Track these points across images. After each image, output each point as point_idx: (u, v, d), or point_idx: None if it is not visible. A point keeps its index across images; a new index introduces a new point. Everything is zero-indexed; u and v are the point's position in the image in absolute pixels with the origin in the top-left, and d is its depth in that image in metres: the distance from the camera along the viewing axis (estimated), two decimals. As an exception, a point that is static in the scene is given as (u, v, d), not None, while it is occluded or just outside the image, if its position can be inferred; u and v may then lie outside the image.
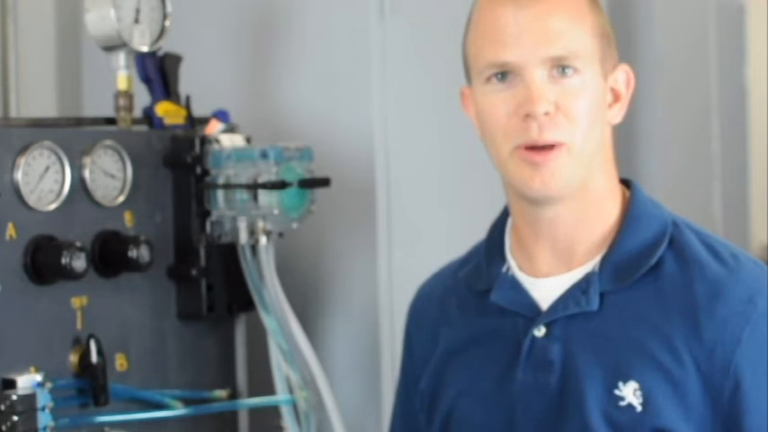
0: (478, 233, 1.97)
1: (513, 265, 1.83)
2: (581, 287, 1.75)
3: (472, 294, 1.87)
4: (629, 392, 1.69)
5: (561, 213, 1.76)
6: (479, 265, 1.88)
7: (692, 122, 3.53)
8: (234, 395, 2.29)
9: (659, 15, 3.27)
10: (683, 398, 1.68)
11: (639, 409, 1.68)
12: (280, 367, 2.25)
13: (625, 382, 1.70)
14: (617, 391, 1.70)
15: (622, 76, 1.79)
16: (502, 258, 1.84)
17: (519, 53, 1.69)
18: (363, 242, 2.43)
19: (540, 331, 1.76)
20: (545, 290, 1.78)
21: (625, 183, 1.84)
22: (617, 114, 1.79)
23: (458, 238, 2.47)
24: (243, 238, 2.21)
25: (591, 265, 1.77)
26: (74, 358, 2.04)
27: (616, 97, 1.78)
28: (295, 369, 2.24)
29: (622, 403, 1.69)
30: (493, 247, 1.87)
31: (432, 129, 2.55)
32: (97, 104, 2.61)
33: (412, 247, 2.46)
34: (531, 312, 1.78)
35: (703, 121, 3.58)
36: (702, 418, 1.68)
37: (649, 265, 1.74)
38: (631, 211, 1.79)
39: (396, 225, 2.44)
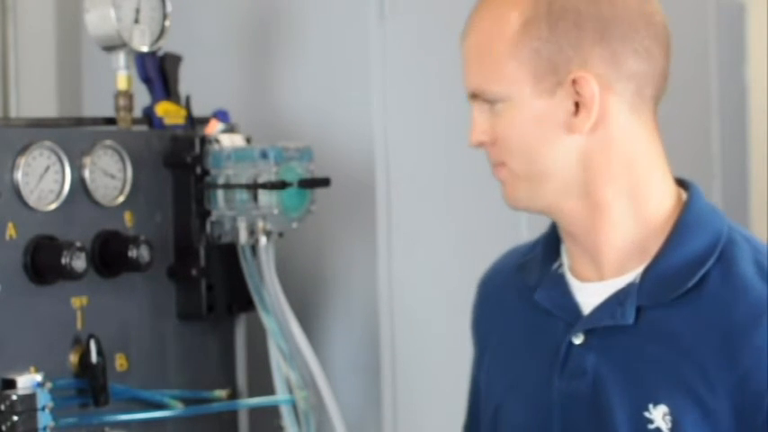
0: (478, 233, 1.97)
1: (565, 263, 1.75)
2: (619, 298, 1.67)
3: (528, 287, 1.79)
4: (659, 416, 1.63)
5: (563, 222, 1.70)
6: (536, 257, 1.79)
7: (692, 122, 3.52)
8: (234, 395, 2.29)
9: (659, 15, 3.27)
10: (714, 427, 1.61)
11: None
12: (279, 367, 2.25)
13: (655, 405, 1.63)
14: (647, 414, 1.63)
15: (582, 83, 1.63)
16: (556, 254, 1.76)
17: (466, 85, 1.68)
18: (363, 242, 2.42)
19: (578, 338, 1.69)
20: (587, 294, 1.70)
21: (681, 183, 1.74)
22: (583, 123, 1.63)
23: (458, 238, 2.48)
24: (243, 238, 2.21)
25: (634, 274, 1.67)
26: (74, 358, 2.04)
27: (579, 107, 1.63)
28: (295, 369, 2.24)
29: (651, 426, 1.63)
30: (551, 241, 1.78)
31: (432, 129, 2.54)
32: (97, 104, 2.61)
33: (412, 247, 2.46)
34: (572, 317, 1.70)
35: (703, 121, 3.58)
36: None
37: (692, 283, 1.64)
38: (684, 219, 1.68)
39: (396, 225, 2.43)
